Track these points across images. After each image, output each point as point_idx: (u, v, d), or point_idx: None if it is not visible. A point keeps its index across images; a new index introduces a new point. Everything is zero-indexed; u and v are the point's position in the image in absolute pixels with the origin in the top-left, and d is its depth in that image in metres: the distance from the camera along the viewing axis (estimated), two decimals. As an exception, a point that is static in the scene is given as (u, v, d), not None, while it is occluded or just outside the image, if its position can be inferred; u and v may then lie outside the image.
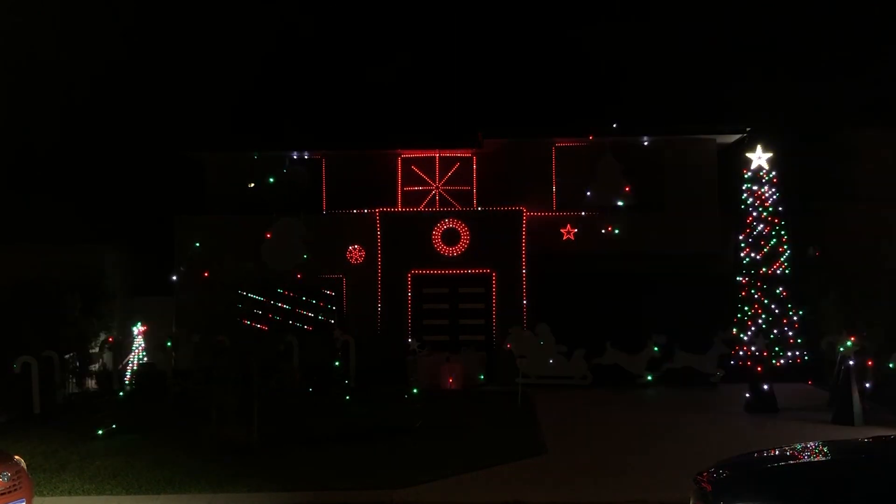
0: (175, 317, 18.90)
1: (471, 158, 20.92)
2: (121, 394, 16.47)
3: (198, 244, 19.09)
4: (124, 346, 18.47)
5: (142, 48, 29.48)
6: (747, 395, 14.49)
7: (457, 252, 18.72)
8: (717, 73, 29.14)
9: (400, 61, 30.19)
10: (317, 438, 12.28)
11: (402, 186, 20.89)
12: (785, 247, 18.32)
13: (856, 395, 13.03)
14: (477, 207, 20.14)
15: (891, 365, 14.57)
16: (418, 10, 31.25)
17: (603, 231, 19.30)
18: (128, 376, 17.67)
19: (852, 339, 14.12)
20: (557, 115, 24.81)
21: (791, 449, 7.77)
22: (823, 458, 7.28)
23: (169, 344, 17.33)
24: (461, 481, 9.98)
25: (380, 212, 19.08)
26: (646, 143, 19.96)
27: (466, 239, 18.72)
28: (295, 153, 20.83)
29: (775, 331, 17.89)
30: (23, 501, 7.85)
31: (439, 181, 20.91)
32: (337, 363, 16.91)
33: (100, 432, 12.62)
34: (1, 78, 26.20)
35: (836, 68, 28.08)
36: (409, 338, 18.23)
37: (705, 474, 6.87)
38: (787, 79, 29.03)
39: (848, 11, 29.68)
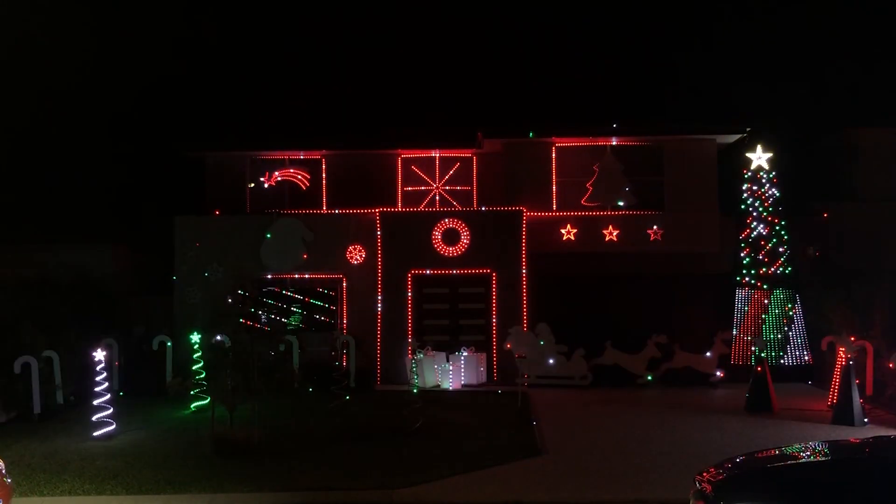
0: (175, 317, 18.91)
1: (471, 158, 20.93)
2: (121, 393, 16.50)
3: (198, 244, 19.11)
4: (123, 346, 18.47)
5: (143, 48, 29.49)
6: (747, 395, 14.49)
7: (457, 252, 18.72)
8: (717, 73, 29.17)
9: (400, 61, 30.20)
10: (317, 438, 12.28)
11: (402, 186, 20.91)
12: (785, 247, 18.31)
13: (856, 395, 13.03)
14: (477, 207, 20.15)
15: (891, 365, 14.56)
16: (419, 10, 31.26)
17: (603, 231, 19.33)
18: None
19: (852, 339, 14.13)
20: (557, 115, 24.83)
21: (791, 449, 7.78)
22: (823, 458, 7.29)
23: (169, 344, 17.34)
24: (461, 481, 9.97)
25: (380, 212, 19.07)
26: (646, 143, 19.96)
27: (466, 239, 18.72)
28: (295, 153, 20.85)
29: (775, 331, 17.89)
30: (0, 502, 7.82)
31: (439, 181, 20.92)
32: (337, 363, 16.92)
33: (100, 432, 12.61)
34: (2, 77, 26.21)
35: (836, 68, 28.07)
36: (409, 338, 18.23)
37: (705, 474, 6.88)
38: (788, 79, 29.03)
39: (848, 12, 29.69)
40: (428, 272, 18.83)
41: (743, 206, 18.69)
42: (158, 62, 28.76)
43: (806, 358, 17.76)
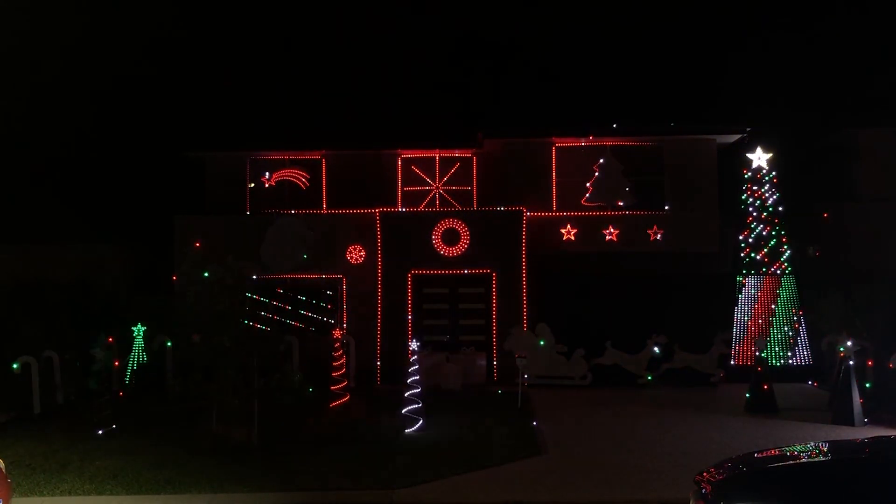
0: (175, 317, 18.88)
1: (471, 158, 20.92)
2: (120, 393, 16.47)
3: (198, 244, 19.09)
4: (124, 346, 18.45)
5: (143, 49, 29.50)
6: (747, 395, 14.49)
7: (457, 252, 18.71)
8: (717, 73, 29.17)
9: (401, 62, 30.21)
10: (317, 438, 12.28)
11: (402, 186, 20.89)
12: (785, 247, 18.32)
13: (856, 395, 13.03)
14: (477, 207, 20.14)
15: (891, 365, 14.56)
16: (419, 10, 31.28)
17: (603, 231, 19.33)
18: (128, 376, 17.65)
19: (852, 339, 14.12)
20: (557, 115, 24.86)
21: (791, 449, 7.78)
22: (823, 458, 7.29)
23: (169, 344, 17.33)
24: (461, 481, 9.98)
25: (380, 212, 19.07)
26: (646, 144, 19.96)
27: (466, 239, 18.71)
28: (295, 153, 20.86)
29: (775, 331, 17.90)
30: (0, 502, 7.84)
31: (439, 181, 20.91)
32: (337, 363, 16.89)
33: (100, 432, 12.62)
34: (4, 78, 26.20)
35: (836, 68, 28.07)
36: (409, 338, 18.22)
37: (705, 474, 6.88)
38: (788, 78, 29.03)
39: (848, 12, 29.69)
40: (428, 272, 18.82)
41: (743, 206, 18.70)
42: (159, 62, 28.77)
43: (806, 358, 17.78)
